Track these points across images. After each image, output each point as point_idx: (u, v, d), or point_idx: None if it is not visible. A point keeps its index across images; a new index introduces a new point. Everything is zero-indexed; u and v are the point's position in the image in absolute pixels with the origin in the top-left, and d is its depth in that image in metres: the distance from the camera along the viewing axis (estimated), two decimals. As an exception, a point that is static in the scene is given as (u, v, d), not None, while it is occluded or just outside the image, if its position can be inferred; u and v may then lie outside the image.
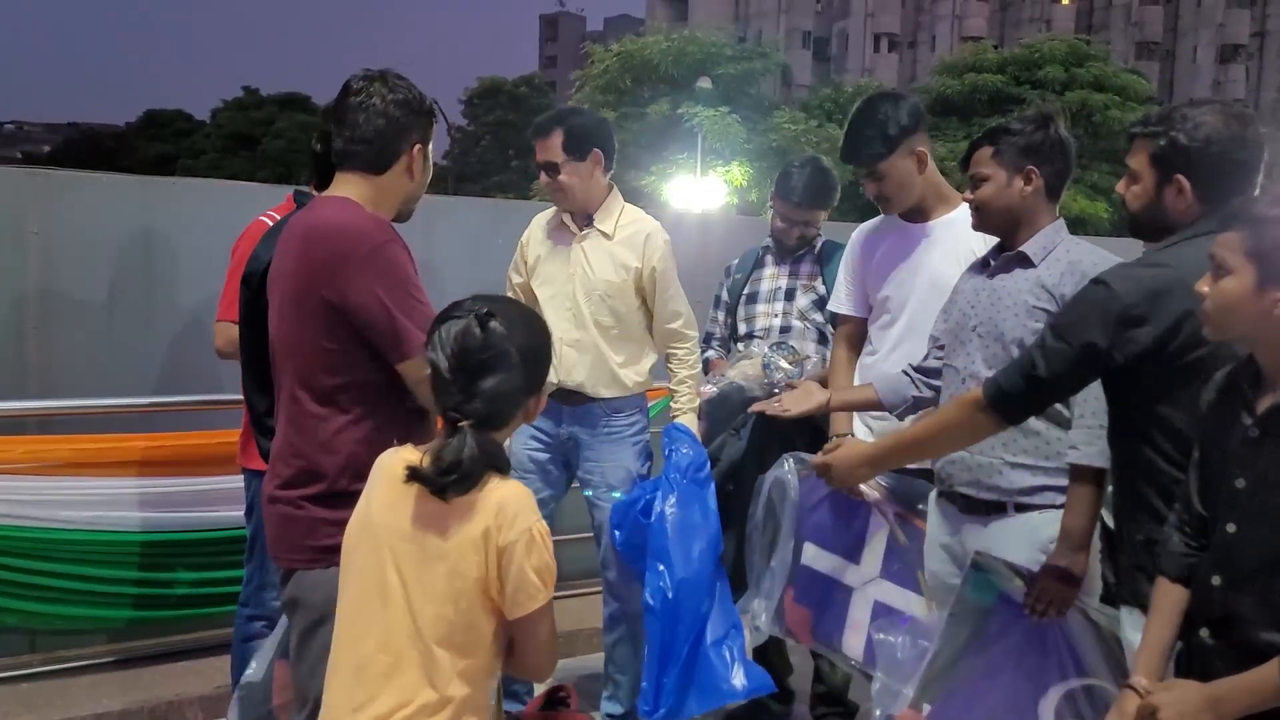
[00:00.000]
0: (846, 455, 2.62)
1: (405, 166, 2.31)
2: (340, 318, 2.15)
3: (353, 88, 2.29)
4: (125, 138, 52.46)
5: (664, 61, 27.51)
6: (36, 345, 3.80)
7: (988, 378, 2.34)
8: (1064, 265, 2.56)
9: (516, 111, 42.38)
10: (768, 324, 3.60)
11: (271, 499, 2.30)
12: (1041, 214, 2.63)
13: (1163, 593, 1.98)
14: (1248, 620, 1.81)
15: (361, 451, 2.14)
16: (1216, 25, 53.31)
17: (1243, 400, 1.86)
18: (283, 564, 2.31)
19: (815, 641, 3.19)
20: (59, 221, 3.82)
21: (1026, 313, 2.55)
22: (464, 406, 1.85)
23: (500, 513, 1.83)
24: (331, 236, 2.19)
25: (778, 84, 36.62)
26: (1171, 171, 2.18)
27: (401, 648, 1.85)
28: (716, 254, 5.25)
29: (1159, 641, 1.96)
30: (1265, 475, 1.80)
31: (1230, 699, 1.77)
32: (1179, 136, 2.16)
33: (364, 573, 1.90)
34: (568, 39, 72.89)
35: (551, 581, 1.88)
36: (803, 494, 3.11)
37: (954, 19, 53.56)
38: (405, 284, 2.16)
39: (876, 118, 3.01)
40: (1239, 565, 1.83)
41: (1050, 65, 29.57)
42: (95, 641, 3.70)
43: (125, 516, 3.55)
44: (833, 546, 3.14)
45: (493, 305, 1.91)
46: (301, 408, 2.22)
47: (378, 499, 1.93)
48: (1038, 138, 2.60)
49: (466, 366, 1.85)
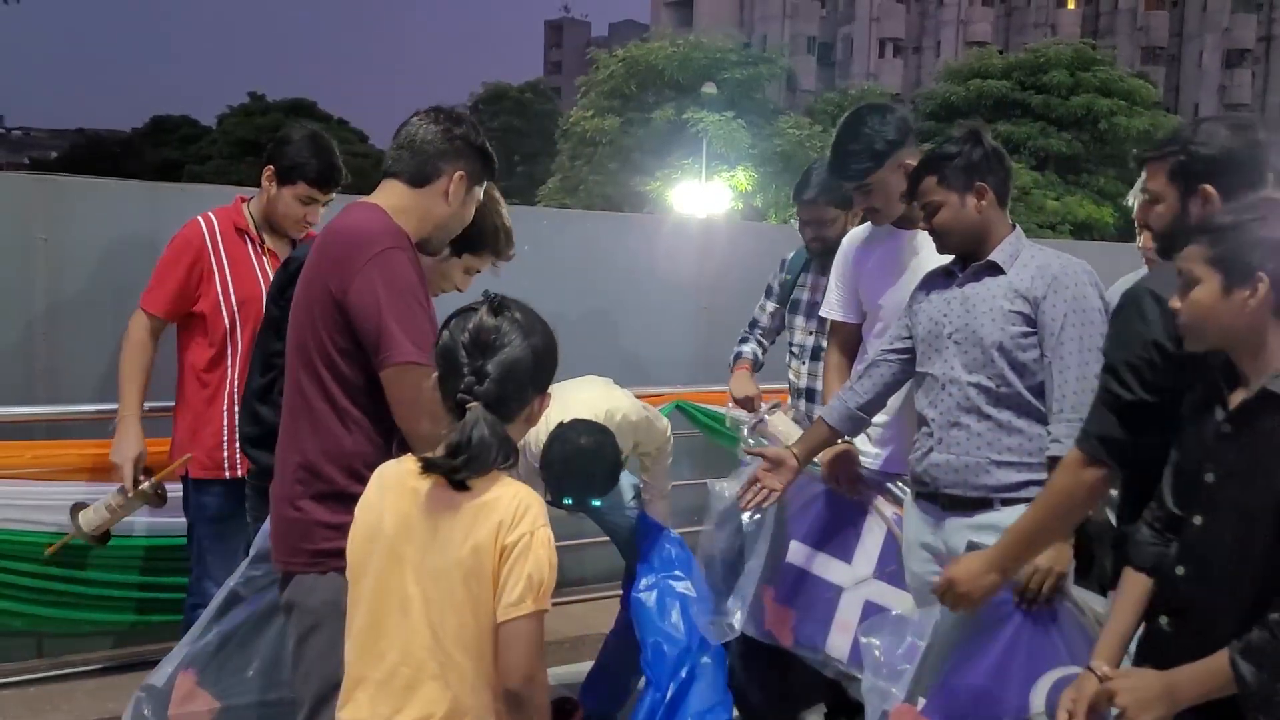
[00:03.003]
0: (969, 569, 2.40)
1: (443, 189, 2.33)
2: (343, 315, 2.17)
3: (420, 109, 2.38)
4: (132, 144, 52.52)
5: (669, 67, 27.54)
6: (44, 350, 3.81)
7: (1081, 435, 2.25)
8: (1034, 269, 2.64)
9: (522, 117, 42.50)
10: (803, 341, 3.59)
11: (274, 500, 2.31)
12: (999, 224, 2.71)
13: (1128, 582, 2.08)
14: (1207, 610, 1.90)
15: (362, 453, 2.16)
16: (1222, 30, 53.22)
17: (1218, 397, 1.94)
18: (281, 566, 2.32)
19: (796, 643, 3.17)
20: (66, 227, 3.83)
21: (1003, 317, 2.62)
22: (474, 387, 1.85)
23: (511, 511, 1.83)
24: (347, 237, 2.23)
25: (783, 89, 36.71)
26: (1195, 183, 2.20)
27: (422, 659, 1.86)
28: (721, 260, 5.27)
29: (1121, 628, 2.06)
30: (1233, 469, 1.88)
31: (1184, 686, 1.85)
32: (1196, 149, 2.20)
33: (380, 586, 1.90)
34: (573, 45, 73.01)
35: (540, 593, 1.83)
36: (790, 491, 3.10)
37: (959, 24, 53.52)
38: (406, 291, 2.17)
39: (864, 132, 3.01)
40: (1204, 557, 1.92)
41: (1055, 70, 29.58)
42: (101, 646, 3.71)
43: (131, 521, 3.54)
44: (823, 546, 3.14)
45: (506, 300, 1.94)
46: (307, 403, 2.24)
47: (391, 511, 1.92)
48: (977, 154, 2.68)
49: (479, 345, 1.86)
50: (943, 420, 2.69)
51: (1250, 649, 1.78)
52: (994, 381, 2.62)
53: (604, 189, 28.06)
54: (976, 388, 2.64)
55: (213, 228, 3.23)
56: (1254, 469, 1.85)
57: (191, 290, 3.20)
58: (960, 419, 2.66)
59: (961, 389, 2.66)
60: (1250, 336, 1.88)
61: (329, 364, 2.21)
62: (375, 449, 2.15)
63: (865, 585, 3.05)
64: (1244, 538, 1.85)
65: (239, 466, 3.18)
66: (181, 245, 3.22)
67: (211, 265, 3.19)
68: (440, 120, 2.34)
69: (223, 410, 3.22)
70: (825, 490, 3.14)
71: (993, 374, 2.62)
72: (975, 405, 2.64)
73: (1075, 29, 49.86)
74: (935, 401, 2.71)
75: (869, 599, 3.03)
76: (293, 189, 3.19)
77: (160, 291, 3.22)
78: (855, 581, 3.07)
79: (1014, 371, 2.60)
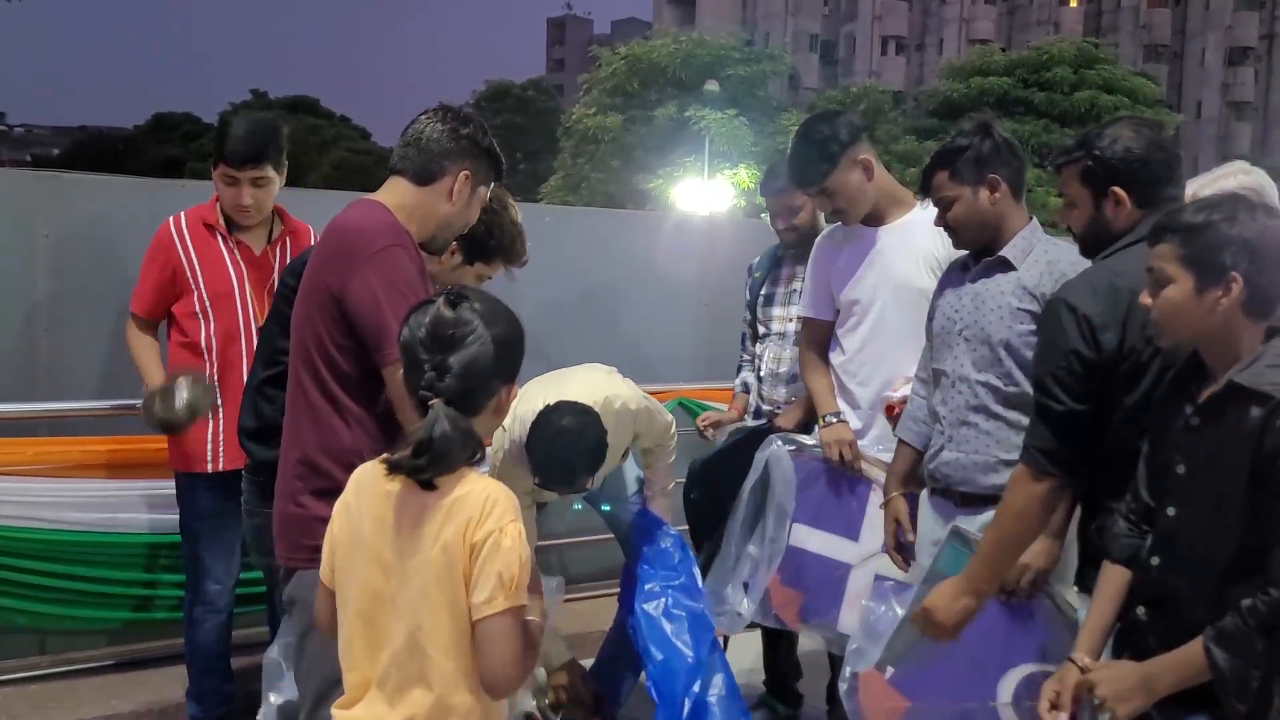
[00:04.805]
0: (942, 595, 2.38)
1: (447, 188, 2.33)
2: (342, 311, 2.18)
3: (429, 108, 2.38)
4: (134, 141, 52.57)
5: (671, 65, 27.57)
6: (47, 347, 3.81)
7: (1023, 450, 2.29)
8: (1043, 265, 2.62)
9: (524, 114, 42.51)
10: (783, 329, 3.61)
11: (277, 494, 2.32)
12: (1014, 217, 2.69)
13: (1106, 574, 2.12)
14: (1182, 600, 1.94)
15: (361, 449, 2.15)
16: (1225, 28, 53.13)
17: (1187, 393, 1.99)
18: (282, 562, 2.32)
19: (805, 623, 3.18)
20: (69, 224, 3.83)
21: (1011, 315, 2.60)
22: (436, 384, 1.82)
23: (478, 508, 1.80)
24: (348, 232, 2.24)
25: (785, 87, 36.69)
26: (1105, 186, 2.30)
27: (405, 661, 1.85)
28: (723, 257, 5.26)
29: (1100, 620, 2.10)
30: (1203, 460, 1.94)
31: (1162, 676, 1.90)
32: (1101, 153, 2.30)
33: (364, 588, 1.88)
34: (575, 42, 72.97)
35: (513, 591, 1.79)
36: (789, 476, 3.11)
37: (961, 21, 53.44)
38: (405, 287, 2.16)
39: (814, 139, 3.12)
40: (1177, 547, 1.97)
41: (1058, 68, 29.52)
42: (104, 643, 3.70)
43: (135, 518, 3.55)
44: (827, 525, 3.15)
45: (464, 290, 1.91)
46: (306, 399, 2.25)
47: (367, 515, 1.90)
48: (987, 146, 2.66)
49: (438, 339, 1.83)
50: (953, 418, 2.68)
51: (1223, 636, 1.83)
52: (1002, 381, 2.61)
53: (606, 186, 28.09)
54: (985, 386, 2.63)
55: (180, 226, 3.23)
56: (1222, 459, 1.90)
57: (167, 288, 3.21)
58: (969, 417, 2.65)
59: (971, 387, 2.65)
60: (1222, 334, 1.93)
61: (327, 360, 2.22)
62: (374, 444, 2.15)
63: (874, 560, 3.06)
64: (1215, 527, 1.90)
65: (222, 460, 3.18)
66: (154, 246, 3.24)
67: (182, 263, 3.19)
68: (448, 119, 2.34)
69: None
70: (825, 470, 3.16)
71: (1000, 373, 2.61)
72: (984, 404, 2.63)
73: (1078, 26, 49.82)
74: (946, 399, 2.71)
75: (879, 572, 3.03)
76: (216, 172, 3.19)
77: (140, 292, 3.26)
78: (863, 558, 3.08)
79: (1022, 370, 2.57)
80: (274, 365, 2.73)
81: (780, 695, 3.74)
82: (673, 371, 4.87)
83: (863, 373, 3.19)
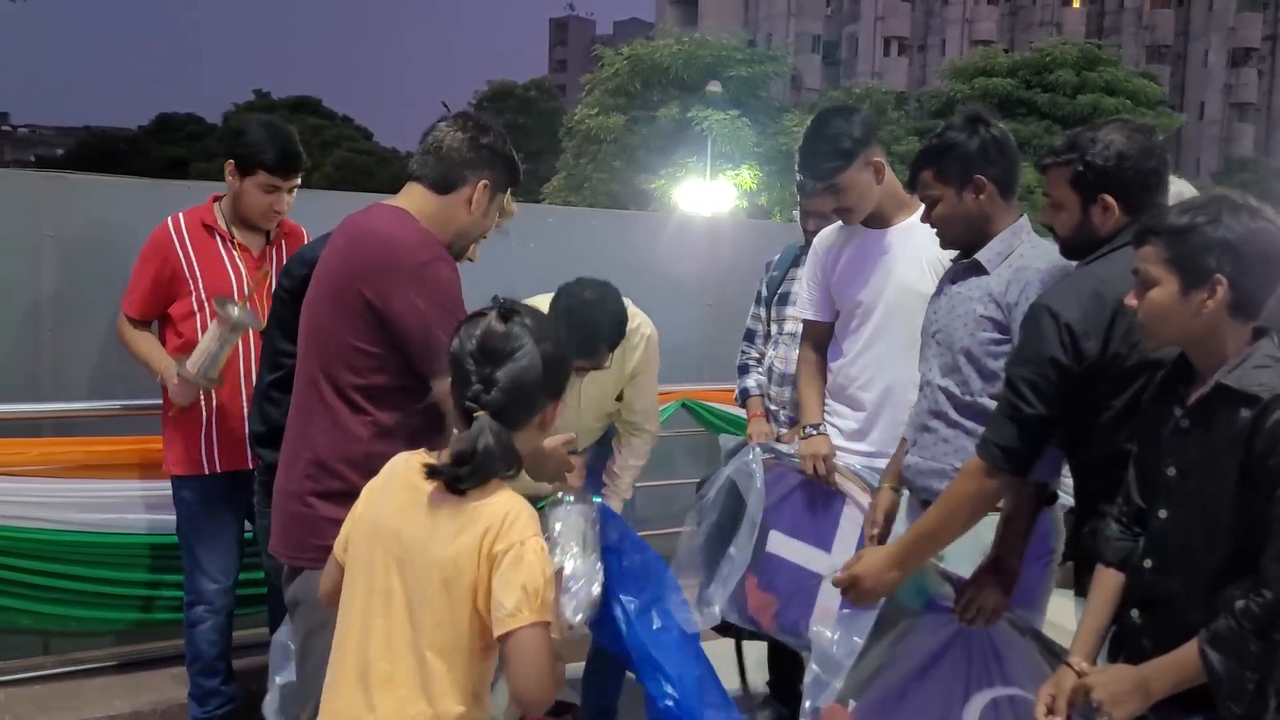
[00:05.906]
0: (872, 564, 2.50)
1: (466, 197, 2.33)
2: (378, 321, 2.18)
3: (449, 114, 2.38)
4: (138, 141, 52.56)
5: (673, 65, 27.52)
6: (51, 348, 3.82)
7: (981, 443, 2.32)
8: (1010, 272, 2.54)
9: (526, 115, 42.42)
10: (795, 329, 3.59)
11: (280, 493, 2.31)
12: (1000, 217, 2.60)
13: (1100, 578, 2.13)
14: (1174, 601, 1.96)
15: (374, 452, 2.15)
16: (1228, 29, 53.08)
17: (1175, 395, 2.00)
18: (288, 561, 2.32)
19: (778, 629, 3.17)
20: (73, 224, 3.84)
21: (975, 322, 2.54)
22: (482, 396, 1.83)
23: (500, 521, 1.81)
24: (384, 242, 2.22)
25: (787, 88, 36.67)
26: (1095, 192, 2.28)
27: (399, 655, 1.85)
28: (726, 258, 5.27)
29: (1095, 623, 2.11)
30: (1193, 462, 1.94)
31: (1157, 679, 1.91)
32: (1094, 159, 2.26)
33: (371, 577, 1.89)
34: (577, 42, 72.97)
35: (538, 604, 1.78)
36: (768, 482, 3.09)
37: (964, 23, 53.42)
38: (449, 302, 2.18)
39: (830, 133, 3.01)
40: (1168, 549, 1.98)
41: (1061, 69, 29.51)
42: (108, 644, 3.71)
43: (139, 519, 3.55)
44: (802, 535, 3.13)
45: (516, 305, 1.92)
46: (323, 401, 2.24)
47: (390, 503, 1.91)
48: (974, 144, 2.56)
49: (487, 352, 1.85)
50: (917, 422, 2.68)
51: (1217, 638, 1.83)
52: (959, 388, 2.57)
53: (608, 187, 28.06)
54: (945, 392, 2.60)
55: (179, 227, 3.23)
56: (1212, 460, 1.90)
57: (162, 290, 3.21)
58: (929, 422, 2.63)
59: (934, 392, 2.63)
60: (1208, 336, 1.93)
61: (351, 366, 2.21)
62: (385, 446, 2.14)
63: None
64: (1206, 529, 1.91)
65: (218, 462, 3.19)
66: (150, 248, 3.23)
67: (180, 264, 3.19)
68: (468, 128, 2.34)
69: (201, 406, 3.19)
70: (802, 480, 3.13)
71: (958, 381, 2.57)
72: (943, 410, 2.60)
73: (1080, 28, 49.79)
74: (919, 401, 2.71)
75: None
76: (254, 179, 3.17)
77: (134, 294, 3.25)
78: (835, 570, 3.07)
79: (981, 379, 2.53)
80: (278, 369, 2.73)
81: (784, 696, 3.73)
82: (675, 373, 4.84)
83: (864, 376, 3.17)
